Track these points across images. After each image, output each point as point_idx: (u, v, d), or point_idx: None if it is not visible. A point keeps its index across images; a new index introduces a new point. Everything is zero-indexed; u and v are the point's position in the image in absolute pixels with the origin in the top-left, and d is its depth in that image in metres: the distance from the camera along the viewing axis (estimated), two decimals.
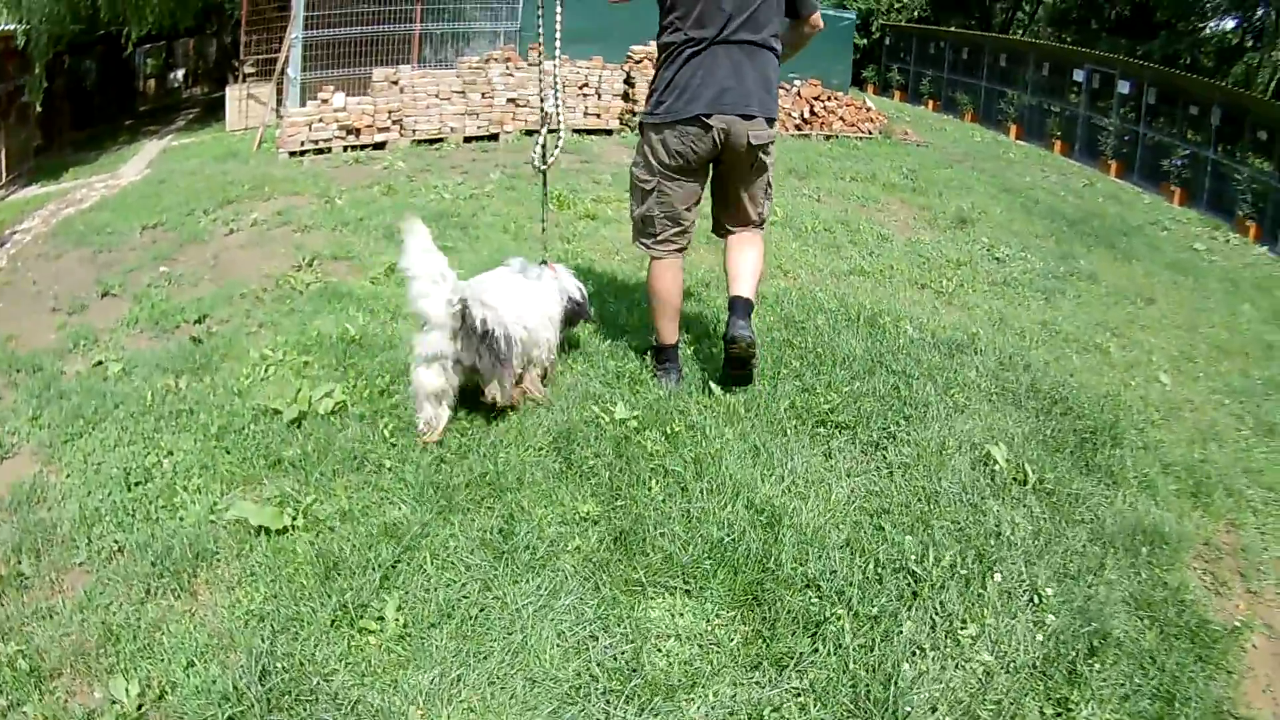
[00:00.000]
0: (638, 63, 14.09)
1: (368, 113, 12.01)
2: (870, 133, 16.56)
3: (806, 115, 15.81)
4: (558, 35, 4.37)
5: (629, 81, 14.01)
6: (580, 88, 13.62)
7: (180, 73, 28.63)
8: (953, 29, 29.61)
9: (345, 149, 11.89)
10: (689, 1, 3.99)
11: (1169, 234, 13.57)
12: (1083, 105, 20.90)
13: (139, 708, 2.57)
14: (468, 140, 12.72)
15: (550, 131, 4.50)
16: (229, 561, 3.15)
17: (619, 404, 4.14)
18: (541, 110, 4.38)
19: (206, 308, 5.92)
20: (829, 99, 16.08)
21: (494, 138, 12.93)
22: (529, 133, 13.08)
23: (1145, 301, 8.37)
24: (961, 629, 2.96)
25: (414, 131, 12.36)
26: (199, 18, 22.18)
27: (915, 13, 29.90)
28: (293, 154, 11.61)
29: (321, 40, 13.17)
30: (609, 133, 13.75)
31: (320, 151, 11.78)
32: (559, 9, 4.38)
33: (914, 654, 2.83)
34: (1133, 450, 4.59)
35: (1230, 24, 24.22)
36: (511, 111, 13.06)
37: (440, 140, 12.50)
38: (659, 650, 2.81)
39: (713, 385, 4.39)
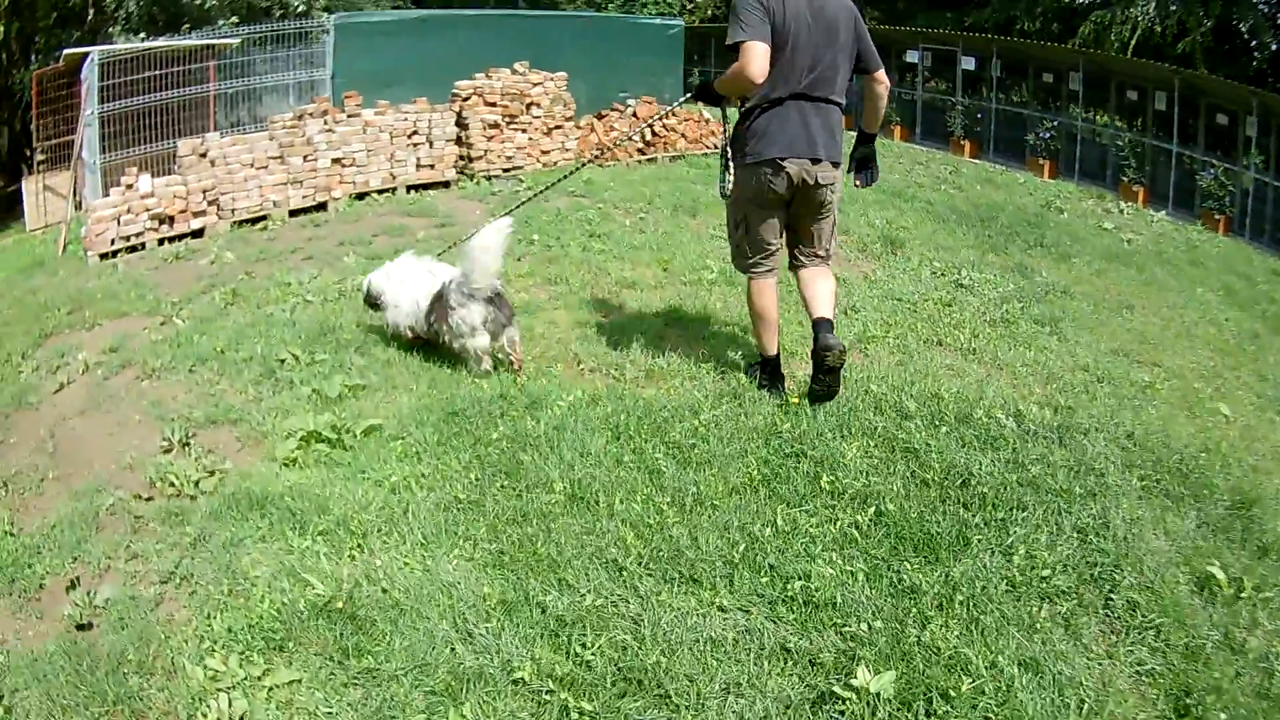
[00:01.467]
0: (466, 99, 12.51)
1: (179, 195, 9.93)
2: (715, 148, 15.46)
3: (648, 137, 14.54)
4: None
5: (461, 123, 12.36)
6: (409, 136, 11.79)
7: None
8: None
9: (160, 242, 9.79)
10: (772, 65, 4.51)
11: (1069, 215, 13.21)
12: (919, 87, 20.54)
13: None
14: (294, 214, 10.80)
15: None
16: None
17: (858, 667, 2.79)
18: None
19: (72, 545, 4.02)
20: (668, 116, 14.79)
21: (322, 207, 11.03)
22: (359, 196, 11.33)
23: (1126, 309, 8.13)
24: None
25: (233, 211, 10.36)
26: None
27: (709, 11, 29.06)
28: (104, 255, 9.46)
29: (117, 114, 11.12)
30: (446, 184, 12.02)
31: (133, 249, 9.66)
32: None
33: None
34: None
35: None
36: (338, 174, 11.17)
37: (263, 218, 10.53)
38: None
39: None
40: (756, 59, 4.40)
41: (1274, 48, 20.88)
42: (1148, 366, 6.54)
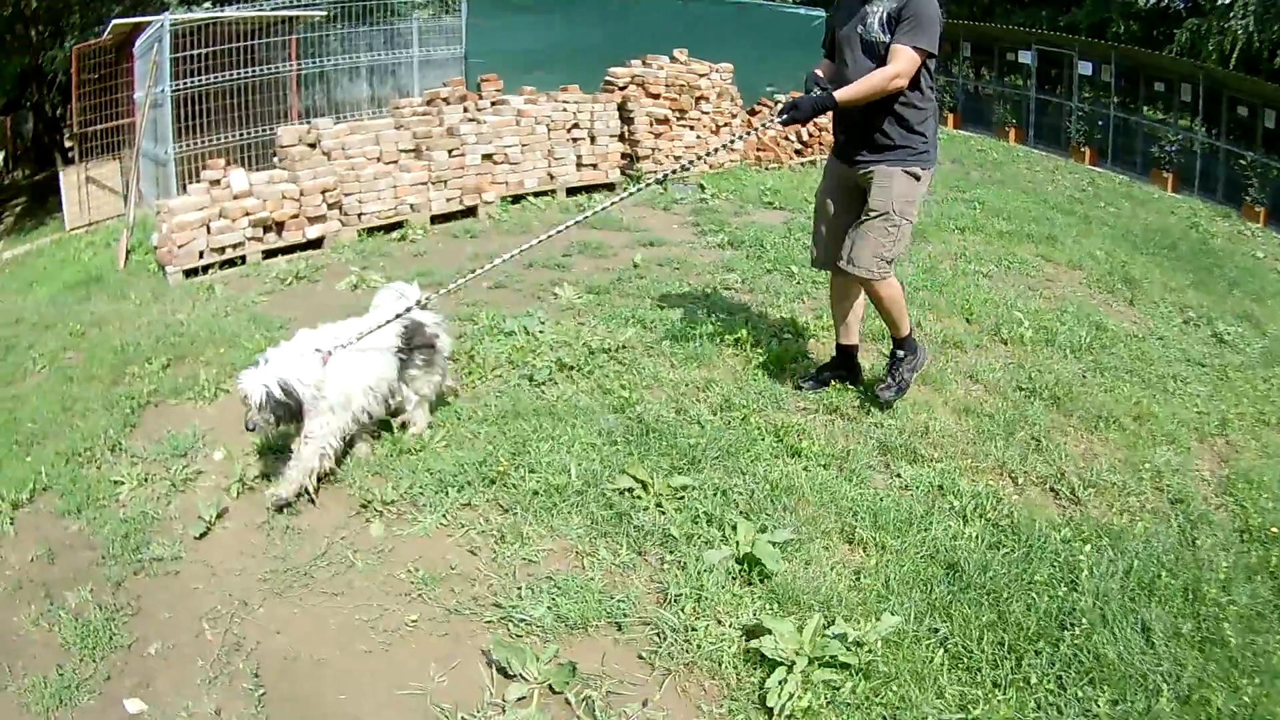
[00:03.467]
0: (623, 88, 9.99)
1: (290, 195, 7.40)
2: None
3: (805, 138, 12.16)
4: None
5: (625, 117, 9.85)
6: (568, 130, 9.29)
7: None
8: None
9: (265, 255, 7.28)
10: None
11: (1221, 240, 12.63)
12: (1033, 89, 19.41)
13: None
14: (435, 220, 8.32)
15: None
16: None
17: None
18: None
19: None
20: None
21: (470, 212, 8.56)
22: (515, 199, 8.82)
23: None
24: None
25: (359, 217, 7.86)
26: (16, 88, 17.94)
27: None
28: (189, 273, 6.94)
29: (190, 93, 8.62)
30: (610, 187, 9.54)
31: (230, 263, 7.13)
32: None
33: None
34: None
35: None
36: (490, 173, 8.69)
37: (399, 224, 8.04)
38: None
39: None
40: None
41: None
42: None
